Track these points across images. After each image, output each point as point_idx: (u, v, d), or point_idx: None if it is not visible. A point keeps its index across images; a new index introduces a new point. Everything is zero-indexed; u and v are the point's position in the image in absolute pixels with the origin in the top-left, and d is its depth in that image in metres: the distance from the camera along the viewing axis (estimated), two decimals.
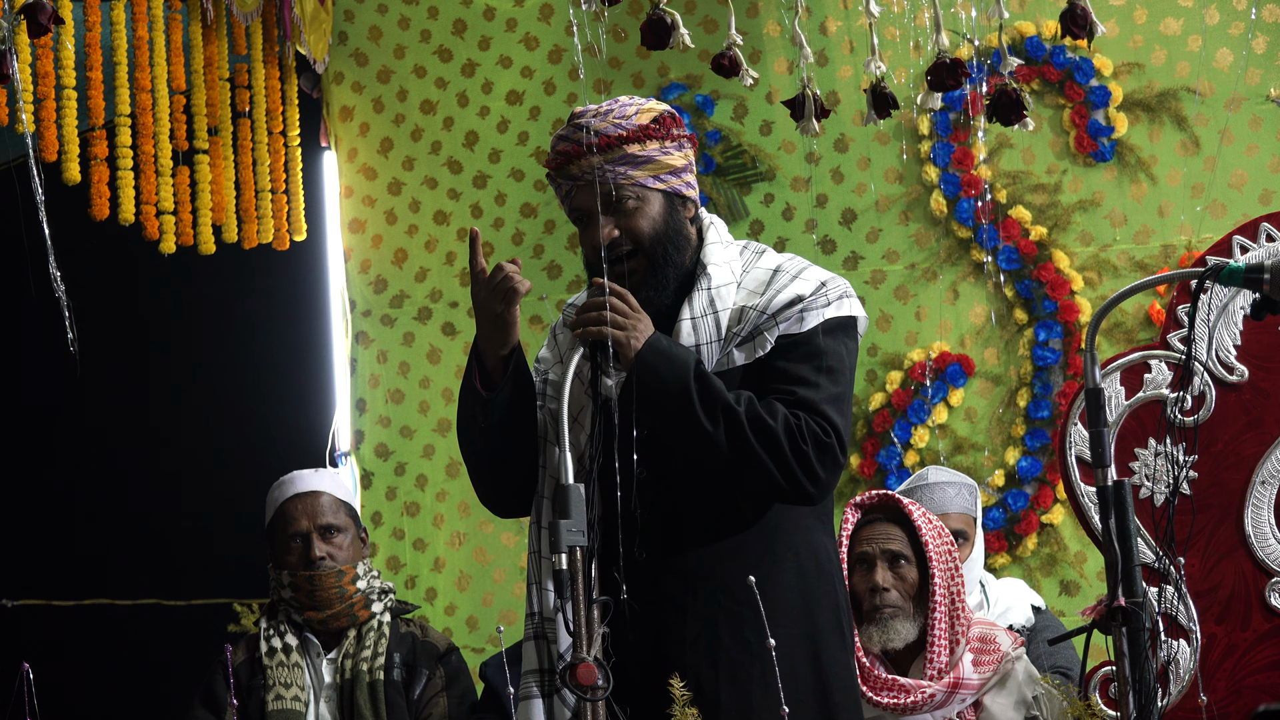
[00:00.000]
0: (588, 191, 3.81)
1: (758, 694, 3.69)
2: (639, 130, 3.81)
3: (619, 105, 3.84)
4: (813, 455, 3.70)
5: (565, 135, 3.84)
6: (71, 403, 6.94)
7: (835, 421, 3.73)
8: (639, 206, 3.82)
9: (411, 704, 5.04)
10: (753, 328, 3.79)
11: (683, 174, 3.87)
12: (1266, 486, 4.46)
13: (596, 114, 3.82)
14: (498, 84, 6.87)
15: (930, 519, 4.66)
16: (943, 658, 4.54)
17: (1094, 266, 6.45)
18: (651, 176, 3.82)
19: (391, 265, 6.90)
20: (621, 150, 3.79)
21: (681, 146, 3.87)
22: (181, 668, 5.77)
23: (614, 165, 3.79)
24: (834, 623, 3.82)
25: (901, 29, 6.15)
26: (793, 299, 3.79)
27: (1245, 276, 3.62)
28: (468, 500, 6.74)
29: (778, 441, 3.67)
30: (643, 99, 3.90)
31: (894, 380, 6.53)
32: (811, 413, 3.72)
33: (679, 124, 3.88)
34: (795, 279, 3.83)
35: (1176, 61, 6.42)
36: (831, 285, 3.84)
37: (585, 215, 3.84)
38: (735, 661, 3.71)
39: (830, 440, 3.72)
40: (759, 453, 3.67)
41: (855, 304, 3.87)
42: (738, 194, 6.66)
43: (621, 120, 3.81)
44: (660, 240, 3.83)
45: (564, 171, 3.84)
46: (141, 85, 5.82)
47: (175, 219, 6.04)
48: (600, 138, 3.79)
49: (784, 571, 3.76)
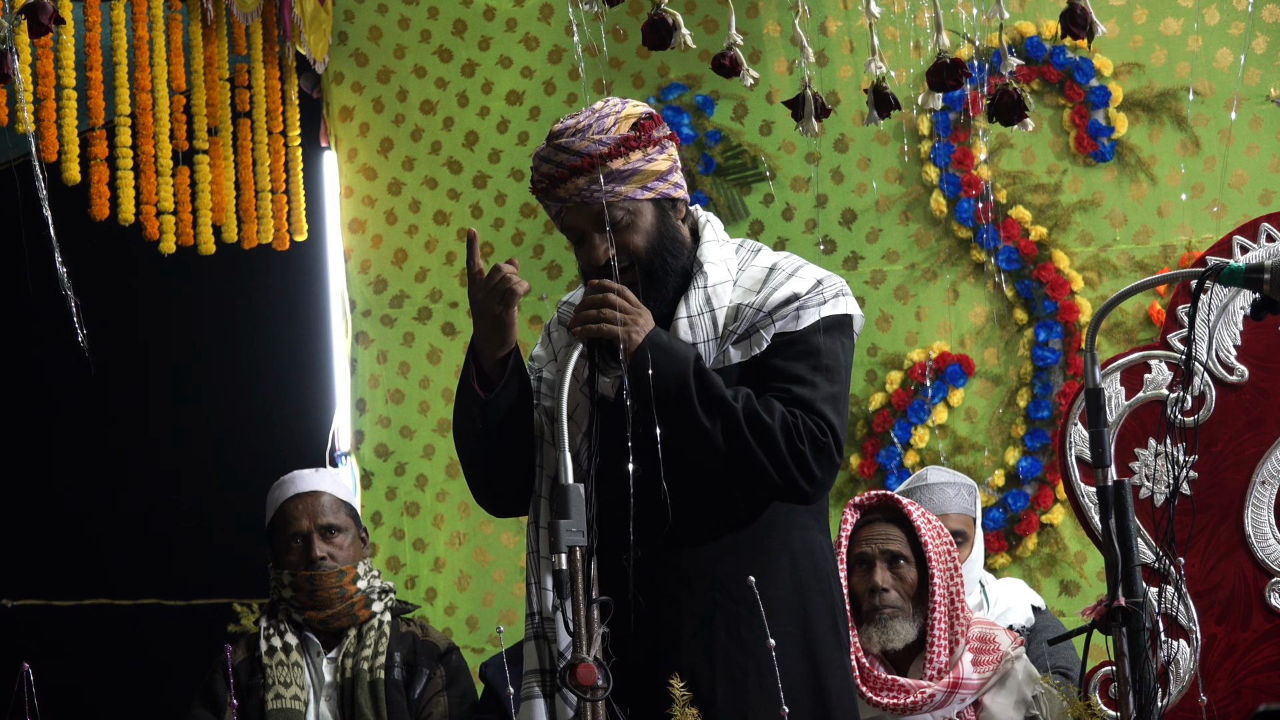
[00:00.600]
0: (578, 211, 3.80)
1: (754, 692, 3.69)
2: (620, 143, 3.77)
3: (596, 118, 3.80)
4: (809, 454, 3.70)
5: (546, 157, 3.81)
6: (72, 403, 6.94)
7: (832, 420, 3.73)
8: (631, 221, 3.80)
9: (412, 703, 5.04)
10: (749, 325, 3.79)
11: (669, 176, 3.85)
12: (1266, 486, 4.46)
13: (575, 131, 3.78)
14: (498, 84, 6.87)
15: (929, 519, 4.66)
16: (942, 658, 4.54)
17: (1094, 266, 6.45)
18: (639, 188, 3.80)
19: (391, 265, 6.90)
20: (606, 167, 3.77)
21: (664, 148, 3.84)
22: (181, 668, 5.77)
23: (599, 184, 3.78)
24: (829, 622, 3.81)
25: (901, 29, 6.16)
26: (789, 297, 3.79)
27: (1245, 276, 3.62)
28: (468, 500, 6.74)
29: (774, 440, 3.68)
30: (619, 102, 3.85)
31: (894, 380, 6.53)
32: (809, 411, 3.72)
33: (659, 123, 3.85)
34: (791, 277, 3.82)
35: (1176, 61, 6.42)
36: (828, 283, 3.83)
37: (578, 234, 3.83)
38: (731, 659, 3.71)
39: (827, 440, 3.72)
40: (755, 450, 3.67)
41: (851, 302, 3.87)
42: (738, 194, 6.66)
43: (601, 136, 3.77)
44: (656, 250, 3.83)
45: (550, 194, 3.82)
46: (141, 85, 5.82)
47: (175, 219, 6.04)
48: (582, 158, 3.76)
49: (779, 569, 3.76)
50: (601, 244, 3.79)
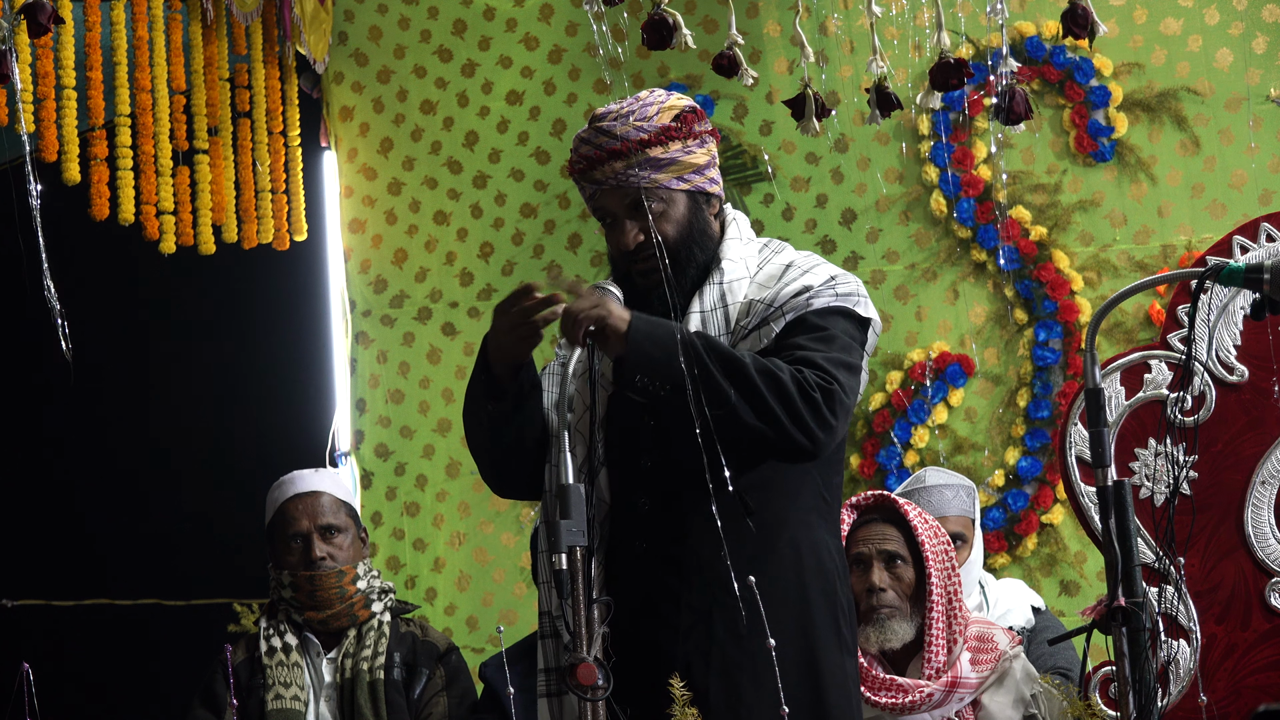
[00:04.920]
0: (612, 195, 3.82)
1: (748, 689, 3.69)
2: (660, 132, 3.79)
3: (639, 105, 3.83)
4: (821, 401, 3.65)
5: (587, 139, 3.83)
6: (72, 403, 6.93)
7: (837, 375, 3.69)
8: (664, 209, 3.82)
9: (411, 703, 5.05)
10: (760, 320, 3.79)
11: (705, 171, 3.86)
12: (1266, 486, 4.46)
13: (617, 115, 3.81)
14: (498, 84, 6.87)
15: (926, 519, 4.66)
16: (940, 657, 4.54)
17: (1094, 266, 6.45)
18: (675, 178, 3.82)
19: (391, 265, 6.90)
20: (644, 154, 3.78)
21: (704, 143, 3.86)
22: (181, 668, 5.77)
23: (637, 169, 3.78)
24: (831, 621, 3.79)
25: (901, 29, 6.16)
26: (800, 289, 3.79)
27: (1245, 276, 3.62)
28: (468, 500, 6.74)
29: (785, 387, 3.63)
30: (664, 94, 3.88)
31: (894, 380, 6.53)
32: (814, 367, 3.68)
33: (701, 118, 3.87)
34: (806, 273, 3.83)
35: (1176, 61, 6.42)
36: (841, 280, 3.83)
37: (610, 217, 3.85)
38: (727, 655, 3.71)
39: (834, 387, 3.67)
40: (766, 397, 3.62)
41: (867, 305, 3.85)
42: (738, 194, 6.66)
43: (643, 123, 3.79)
44: (685, 241, 3.84)
45: (587, 176, 3.83)
46: (141, 85, 5.83)
47: (175, 219, 6.04)
48: (622, 142, 3.78)
49: (782, 567, 3.75)
50: (632, 229, 3.81)
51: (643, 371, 3.63)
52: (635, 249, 3.81)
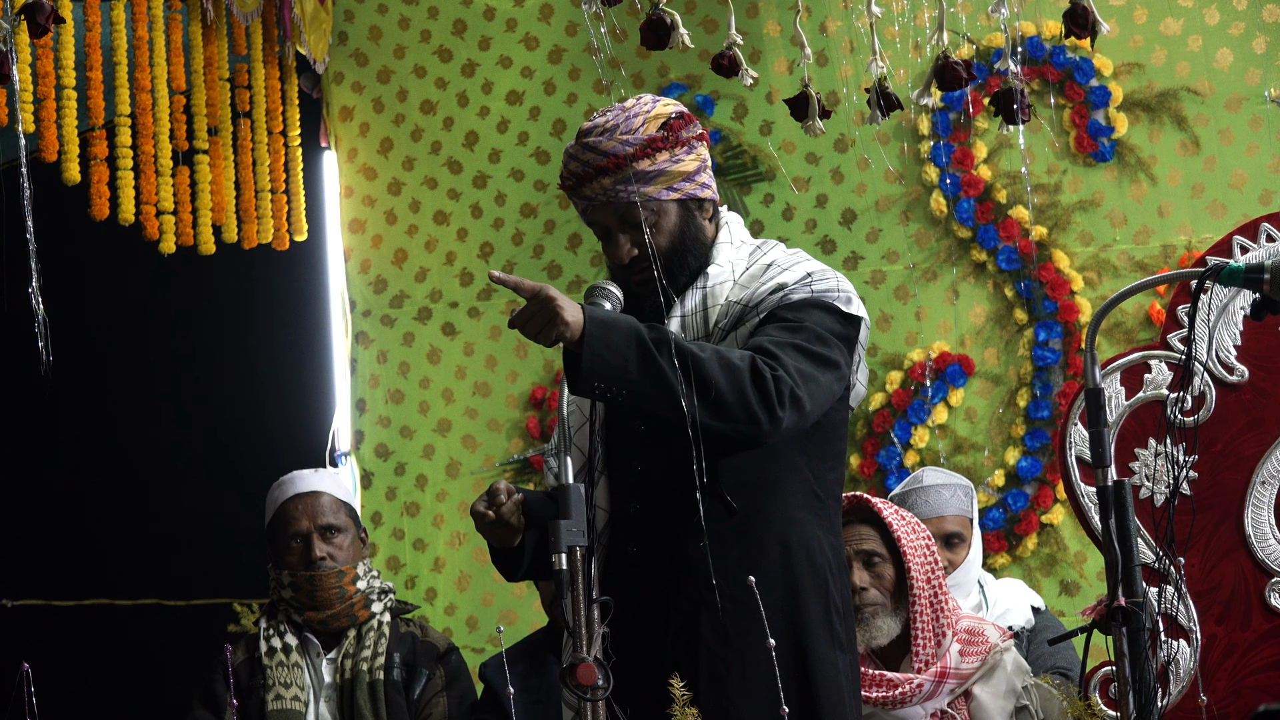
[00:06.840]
0: (603, 210, 3.82)
1: (736, 689, 3.69)
2: (647, 144, 3.78)
3: (625, 117, 3.81)
4: (771, 386, 3.61)
5: (574, 155, 3.83)
6: (72, 403, 6.93)
7: (790, 360, 3.66)
8: (655, 221, 3.81)
9: (411, 704, 5.05)
10: (735, 320, 3.80)
11: (696, 177, 3.85)
12: (1266, 486, 4.46)
13: (603, 130, 3.80)
14: (498, 84, 6.87)
15: (903, 515, 4.67)
16: (929, 649, 4.56)
17: (1094, 266, 6.45)
18: (665, 188, 3.81)
19: (391, 265, 6.90)
20: (632, 168, 3.78)
21: (693, 149, 3.85)
22: (181, 668, 5.78)
23: (625, 184, 3.78)
24: (823, 618, 3.78)
25: (901, 29, 6.16)
26: (776, 287, 3.79)
27: (1245, 276, 3.62)
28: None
29: (738, 375, 3.60)
30: (650, 100, 3.87)
31: (894, 380, 6.53)
32: (765, 353, 3.66)
33: (690, 123, 3.86)
34: (784, 271, 3.82)
35: (1176, 61, 6.42)
36: (819, 276, 3.81)
37: (604, 231, 3.85)
38: (715, 656, 3.72)
39: (782, 373, 3.63)
40: (718, 387, 3.59)
41: (852, 303, 3.82)
42: (738, 194, 6.66)
43: (628, 136, 3.79)
44: (678, 250, 3.84)
45: (577, 192, 3.84)
46: (141, 85, 5.82)
47: (175, 219, 6.04)
48: (608, 158, 3.77)
49: (771, 565, 3.74)
50: (625, 243, 3.81)
51: (598, 379, 3.59)
52: (630, 262, 3.82)
